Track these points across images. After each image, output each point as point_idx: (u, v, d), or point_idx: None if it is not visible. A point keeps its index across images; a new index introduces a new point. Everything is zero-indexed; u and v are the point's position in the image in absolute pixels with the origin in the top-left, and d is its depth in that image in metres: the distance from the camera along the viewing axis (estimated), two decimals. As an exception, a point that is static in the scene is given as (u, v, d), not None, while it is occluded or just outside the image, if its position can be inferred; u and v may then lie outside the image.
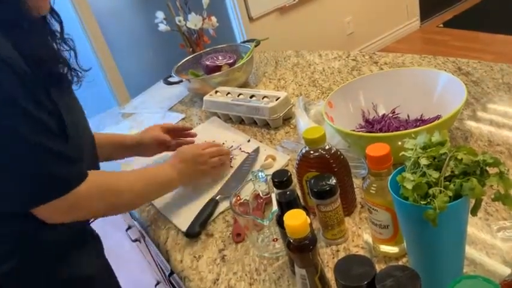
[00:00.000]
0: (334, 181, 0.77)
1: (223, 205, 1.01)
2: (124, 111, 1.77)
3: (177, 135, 1.25)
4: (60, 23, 0.88)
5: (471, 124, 1.05)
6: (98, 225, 0.99)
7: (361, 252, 0.79)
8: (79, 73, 0.89)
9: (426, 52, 1.39)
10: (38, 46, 0.77)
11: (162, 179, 0.97)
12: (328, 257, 0.81)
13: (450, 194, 0.57)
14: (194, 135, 1.28)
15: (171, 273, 1.03)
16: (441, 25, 4.18)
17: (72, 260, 0.87)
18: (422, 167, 0.59)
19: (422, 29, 4.26)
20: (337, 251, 0.81)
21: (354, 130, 1.07)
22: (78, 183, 0.78)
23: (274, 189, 0.75)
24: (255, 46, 1.66)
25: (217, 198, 1.02)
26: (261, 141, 1.24)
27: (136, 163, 1.27)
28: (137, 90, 1.99)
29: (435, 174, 0.58)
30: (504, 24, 3.74)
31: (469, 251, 0.73)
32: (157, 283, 1.69)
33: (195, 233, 0.94)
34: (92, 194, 0.81)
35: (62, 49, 0.87)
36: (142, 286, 2.06)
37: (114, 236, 2.00)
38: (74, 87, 0.89)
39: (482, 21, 3.98)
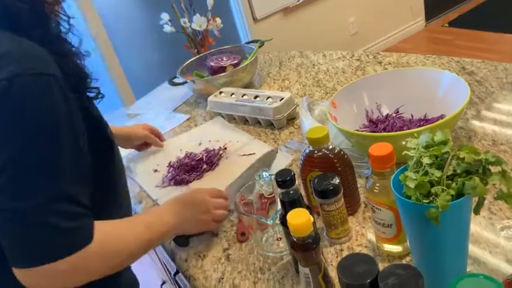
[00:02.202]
0: (338, 180, 0.78)
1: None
2: (129, 112, 1.78)
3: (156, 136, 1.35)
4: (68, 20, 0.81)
5: (475, 123, 1.05)
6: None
7: (365, 251, 0.80)
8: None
9: (431, 52, 1.39)
10: (74, 59, 0.75)
11: (158, 230, 0.83)
12: (331, 256, 0.81)
13: (452, 192, 0.57)
14: (162, 142, 1.36)
15: (177, 272, 1.04)
16: (446, 25, 4.17)
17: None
18: (424, 166, 0.59)
19: (427, 28, 4.25)
20: (341, 250, 0.82)
21: (357, 130, 1.07)
22: (86, 243, 0.65)
23: (278, 188, 0.76)
24: (259, 47, 1.67)
25: None
26: (265, 142, 1.25)
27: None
28: (142, 91, 2.01)
29: (437, 173, 0.58)
30: (509, 24, 3.72)
31: (473, 249, 0.73)
32: (163, 283, 1.70)
33: (183, 243, 0.94)
34: (96, 256, 0.67)
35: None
36: (148, 286, 2.07)
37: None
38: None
39: (488, 21, 3.96)
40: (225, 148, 1.24)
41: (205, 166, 1.18)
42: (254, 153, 1.17)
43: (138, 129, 1.30)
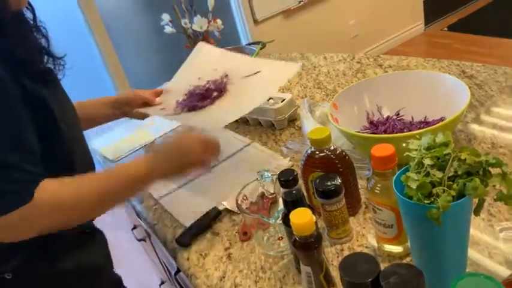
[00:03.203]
0: (339, 181, 0.79)
1: (230, 204, 1.01)
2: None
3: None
4: (33, 11, 0.84)
5: (475, 127, 1.07)
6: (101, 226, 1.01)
7: (365, 252, 0.80)
8: (57, 60, 0.87)
9: (431, 55, 1.40)
10: (20, 45, 0.76)
11: (129, 175, 0.83)
12: (332, 256, 0.82)
13: (453, 193, 0.58)
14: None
15: (177, 271, 1.04)
16: (446, 29, 4.19)
17: (82, 251, 0.88)
18: (426, 167, 0.60)
19: (426, 32, 4.27)
20: (342, 250, 0.83)
21: (358, 132, 1.08)
22: (21, 205, 0.69)
23: (281, 188, 0.76)
24: (261, 48, 1.67)
25: (220, 208, 1.00)
26: (266, 142, 1.25)
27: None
28: (143, 92, 2.01)
29: (439, 174, 0.59)
30: (509, 28, 3.74)
31: (472, 251, 0.74)
32: (162, 283, 1.70)
33: (185, 243, 0.94)
34: (41, 211, 0.71)
35: (38, 37, 0.84)
36: (146, 286, 2.07)
37: (119, 237, 2.02)
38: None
39: (487, 25, 3.98)
40: (226, 75, 1.20)
41: (215, 93, 1.14)
42: (260, 71, 1.11)
43: (127, 93, 1.25)
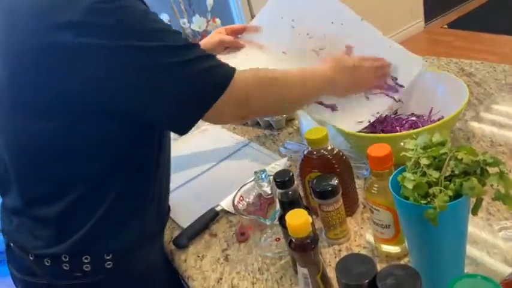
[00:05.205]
0: (336, 181, 0.78)
1: (228, 205, 1.01)
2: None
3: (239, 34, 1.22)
4: None
5: (474, 125, 1.06)
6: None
7: (363, 252, 0.80)
8: None
9: (431, 53, 1.39)
10: None
11: (320, 78, 0.96)
12: (330, 256, 0.81)
13: (450, 193, 0.57)
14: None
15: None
16: (446, 26, 4.18)
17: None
18: (422, 167, 0.59)
19: (426, 29, 4.26)
20: (339, 250, 0.82)
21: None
22: (234, 71, 0.79)
23: (277, 189, 0.76)
24: (259, 48, 1.66)
25: (217, 209, 0.99)
26: (264, 142, 1.25)
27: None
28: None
29: (435, 174, 0.58)
30: (509, 25, 3.73)
31: (471, 250, 0.73)
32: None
33: (182, 244, 0.94)
34: (253, 82, 0.83)
35: None
36: None
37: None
38: None
39: (488, 22, 3.97)
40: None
41: None
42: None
43: (210, 39, 1.22)
